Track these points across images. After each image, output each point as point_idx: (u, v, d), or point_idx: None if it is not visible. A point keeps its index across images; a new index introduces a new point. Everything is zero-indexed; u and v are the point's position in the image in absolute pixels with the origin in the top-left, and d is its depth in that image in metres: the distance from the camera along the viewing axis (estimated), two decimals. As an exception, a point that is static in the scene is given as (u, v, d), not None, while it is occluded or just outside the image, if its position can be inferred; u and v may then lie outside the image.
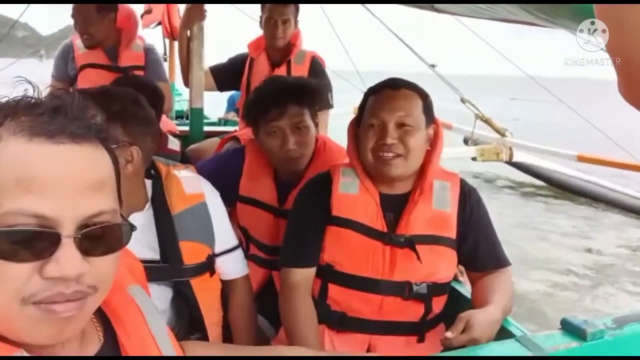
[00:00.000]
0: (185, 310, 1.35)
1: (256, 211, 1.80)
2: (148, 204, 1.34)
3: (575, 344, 1.03)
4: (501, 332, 1.25)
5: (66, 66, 2.77)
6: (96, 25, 2.62)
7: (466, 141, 6.95)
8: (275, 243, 1.75)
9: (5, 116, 0.57)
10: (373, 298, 1.38)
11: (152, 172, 1.38)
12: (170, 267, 1.32)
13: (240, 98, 3.02)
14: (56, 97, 0.59)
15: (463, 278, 1.57)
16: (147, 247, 1.30)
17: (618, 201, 6.63)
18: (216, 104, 5.75)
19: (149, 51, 2.85)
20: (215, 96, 3.53)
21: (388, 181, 1.43)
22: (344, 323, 1.42)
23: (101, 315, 0.70)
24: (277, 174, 1.81)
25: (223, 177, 1.71)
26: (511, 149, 6.47)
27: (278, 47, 2.66)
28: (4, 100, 0.59)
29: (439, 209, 1.41)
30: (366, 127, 1.42)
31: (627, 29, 0.48)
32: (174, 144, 2.47)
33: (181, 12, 3.54)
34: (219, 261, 1.42)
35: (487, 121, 6.28)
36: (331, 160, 1.73)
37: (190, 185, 1.39)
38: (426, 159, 1.45)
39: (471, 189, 1.49)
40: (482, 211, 1.47)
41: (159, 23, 5.26)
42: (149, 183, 1.36)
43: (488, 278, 1.42)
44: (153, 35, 5.43)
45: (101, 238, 0.59)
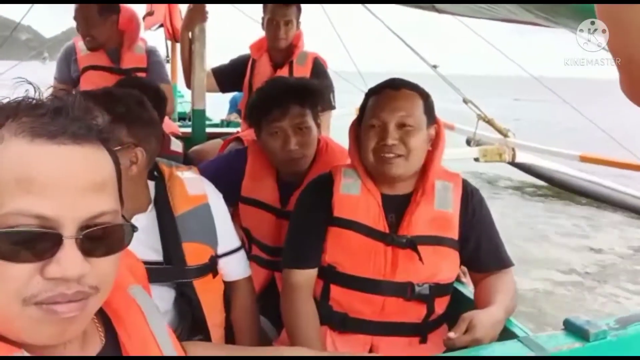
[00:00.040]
0: (187, 311, 1.35)
1: (258, 212, 1.80)
2: (151, 206, 1.34)
3: (578, 345, 1.02)
4: (504, 333, 1.24)
5: (69, 68, 2.78)
6: (98, 27, 2.63)
7: (468, 142, 6.94)
8: (277, 244, 1.75)
9: (6, 117, 0.57)
10: (375, 299, 1.38)
11: (155, 174, 1.38)
12: (173, 269, 1.32)
13: (242, 99, 3.03)
14: (57, 98, 0.59)
15: (466, 279, 1.57)
16: (150, 249, 1.30)
17: (621, 201, 6.61)
18: (218, 106, 5.75)
19: (151, 53, 2.86)
20: (217, 97, 3.53)
21: (389, 181, 1.43)
22: (346, 324, 1.41)
23: (102, 315, 0.70)
24: (280, 175, 1.81)
25: (225, 178, 1.71)
26: (514, 150, 6.46)
27: (280, 48, 2.66)
28: (5, 101, 0.59)
29: (441, 210, 1.41)
30: (367, 128, 1.42)
31: (628, 28, 0.48)
32: (177, 146, 2.47)
33: (183, 14, 3.55)
34: (222, 262, 1.42)
35: (490, 122, 6.27)
36: (333, 161, 1.73)
37: (193, 186, 1.39)
38: (428, 159, 1.44)
39: (473, 189, 1.48)
40: (485, 211, 1.47)
41: (161, 25, 5.27)
42: (152, 184, 1.36)
43: (491, 278, 1.41)
44: (155, 37, 5.44)
45: (102, 239, 0.59)
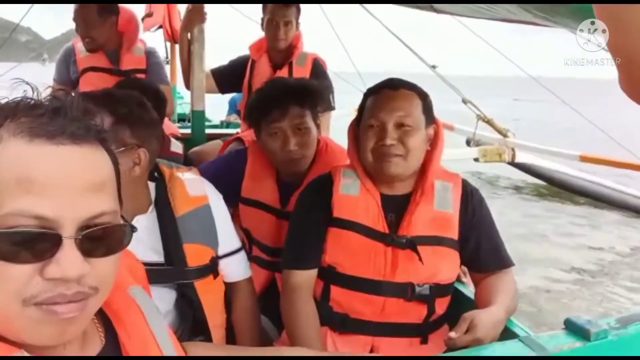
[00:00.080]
0: (188, 312, 1.35)
1: (258, 213, 1.80)
2: (151, 207, 1.34)
3: (578, 344, 1.02)
4: (505, 333, 1.24)
5: (68, 70, 2.78)
6: (98, 28, 2.63)
7: (468, 142, 6.94)
8: (277, 244, 1.75)
9: (5, 117, 0.57)
10: (375, 299, 1.38)
11: (156, 175, 1.38)
12: (174, 270, 1.31)
13: (242, 100, 3.03)
14: (56, 99, 0.59)
15: (466, 279, 1.56)
16: (151, 250, 1.30)
17: (622, 201, 6.61)
18: (217, 107, 5.75)
19: (150, 54, 2.86)
20: (216, 99, 3.53)
21: (388, 181, 1.42)
22: (347, 325, 1.41)
23: (102, 316, 0.70)
24: (280, 176, 1.81)
25: (225, 179, 1.71)
26: (513, 150, 6.45)
27: (280, 49, 2.66)
28: (4, 101, 0.59)
29: (441, 210, 1.41)
30: (365, 128, 1.42)
31: (628, 28, 0.48)
32: (177, 147, 2.47)
33: (182, 15, 3.55)
34: (222, 263, 1.42)
35: (489, 122, 6.26)
36: (333, 161, 1.73)
37: (193, 187, 1.39)
38: (427, 159, 1.44)
39: (473, 189, 1.48)
40: (485, 211, 1.46)
41: (160, 26, 5.27)
42: (152, 185, 1.36)
43: (491, 278, 1.41)
44: (154, 38, 5.45)
45: (102, 239, 0.59)
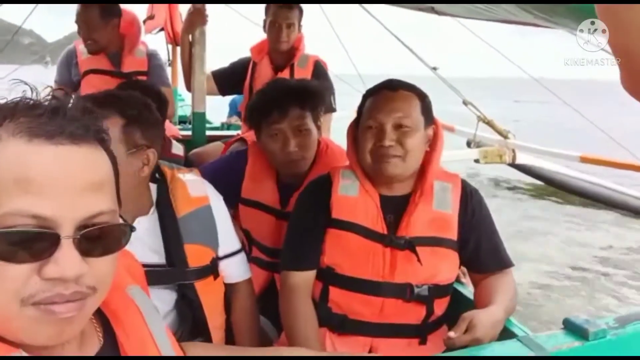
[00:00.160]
0: (188, 313, 1.35)
1: (258, 213, 1.80)
2: (153, 208, 1.34)
3: (577, 344, 1.02)
4: (504, 333, 1.24)
5: (69, 72, 2.78)
6: (100, 30, 2.64)
7: (469, 143, 6.94)
8: (277, 246, 1.74)
9: (3, 117, 0.58)
10: (374, 300, 1.38)
11: (157, 176, 1.39)
12: (174, 270, 1.32)
13: (242, 102, 3.03)
14: (55, 99, 0.60)
15: (465, 279, 1.56)
16: (152, 251, 1.31)
17: (622, 202, 6.59)
18: (218, 109, 5.76)
19: (152, 56, 2.87)
20: (217, 100, 3.54)
21: (387, 182, 1.42)
22: (345, 326, 1.41)
23: (100, 316, 0.70)
24: (280, 177, 1.81)
25: (225, 180, 1.71)
26: (514, 151, 6.45)
27: (282, 51, 2.67)
28: (3, 101, 0.59)
29: (440, 210, 1.41)
30: (364, 129, 1.42)
31: (629, 28, 0.48)
32: (178, 149, 2.48)
33: (183, 18, 3.56)
34: (222, 265, 1.42)
35: (490, 123, 6.26)
36: (333, 162, 1.73)
37: (194, 188, 1.39)
38: (426, 160, 1.44)
39: (473, 190, 1.48)
40: (484, 212, 1.46)
41: (162, 29, 5.28)
42: (154, 187, 1.37)
43: (491, 279, 1.41)
44: (156, 40, 5.46)
45: (100, 239, 0.59)
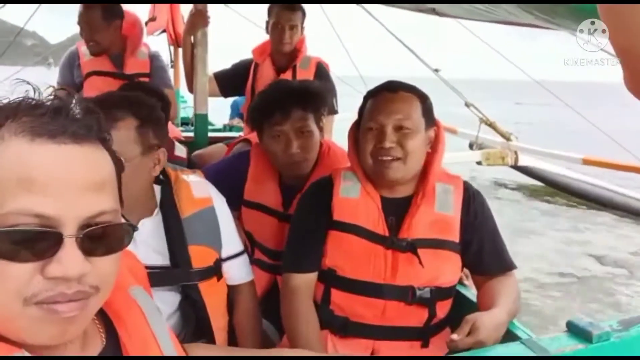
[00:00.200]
0: (192, 315, 1.36)
1: (261, 215, 1.80)
2: (157, 210, 1.35)
3: (581, 346, 1.01)
4: (507, 335, 1.24)
5: (71, 73, 2.78)
6: (102, 32, 2.64)
7: (471, 145, 6.94)
8: (279, 248, 1.74)
9: (6, 117, 0.58)
10: (376, 303, 1.37)
11: (161, 177, 1.39)
12: (178, 271, 1.32)
13: (244, 103, 3.03)
14: (57, 98, 0.60)
15: (468, 282, 1.56)
16: (156, 253, 1.31)
17: (624, 204, 6.57)
18: (220, 110, 5.76)
19: (154, 58, 2.87)
20: (219, 102, 3.54)
21: (388, 185, 1.42)
22: (347, 328, 1.40)
23: (103, 316, 0.70)
24: (282, 178, 1.81)
25: (228, 181, 1.72)
26: (516, 153, 6.45)
27: (284, 53, 2.67)
28: (5, 101, 0.59)
29: (442, 212, 1.40)
30: (365, 131, 1.41)
31: (632, 27, 0.48)
32: (181, 151, 2.48)
33: (185, 19, 3.56)
34: (225, 266, 1.42)
35: (492, 125, 6.26)
36: (335, 164, 1.72)
37: (198, 189, 1.40)
38: (427, 162, 1.44)
39: (475, 192, 1.47)
40: (487, 214, 1.46)
41: (164, 30, 5.29)
42: (157, 188, 1.37)
43: (494, 281, 1.40)
44: (158, 42, 5.47)
45: (103, 238, 0.59)
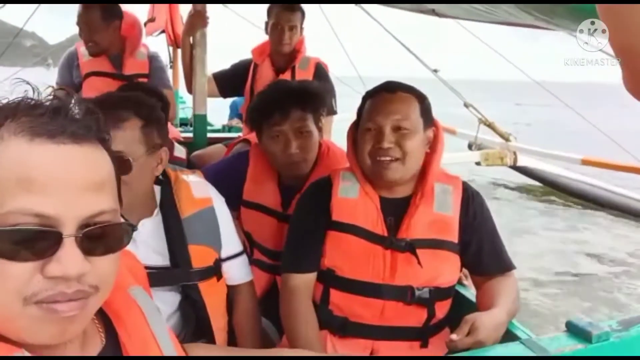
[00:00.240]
0: (191, 315, 1.36)
1: (260, 216, 1.80)
2: (157, 210, 1.35)
3: (580, 346, 1.02)
4: (506, 335, 1.24)
5: (70, 74, 2.78)
6: (101, 32, 2.64)
7: (470, 146, 6.94)
8: (279, 248, 1.74)
9: (5, 117, 0.58)
10: (375, 303, 1.37)
11: (161, 178, 1.39)
12: (178, 271, 1.32)
13: (244, 104, 3.04)
14: (56, 98, 0.60)
15: (468, 282, 1.56)
16: (156, 253, 1.31)
17: (623, 205, 6.57)
18: (219, 111, 5.76)
19: (153, 59, 2.87)
20: (217, 103, 3.54)
21: (387, 185, 1.42)
22: (346, 328, 1.41)
23: (103, 316, 0.70)
24: (281, 179, 1.81)
25: (227, 182, 1.71)
26: (515, 153, 6.45)
27: (284, 53, 2.67)
28: (4, 101, 0.59)
29: (441, 213, 1.40)
30: (363, 131, 1.42)
31: (631, 27, 0.48)
32: (180, 152, 2.48)
33: (184, 20, 3.56)
34: (225, 266, 1.42)
35: (491, 125, 6.27)
36: (335, 164, 1.73)
37: (198, 189, 1.40)
38: (426, 162, 1.44)
39: (474, 192, 1.47)
40: (486, 214, 1.46)
41: (163, 31, 5.29)
42: (157, 189, 1.37)
43: (493, 282, 1.40)
44: (157, 43, 5.47)
45: (102, 238, 0.59)
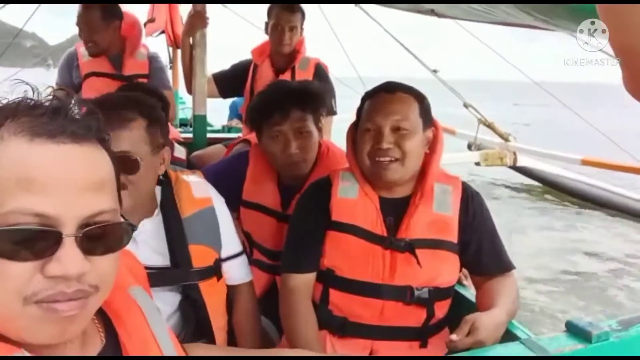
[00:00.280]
0: (191, 315, 1.36)
1: (260, 216, 1.80)
2: (157, 210, 1.35)
3: (580, 346, 1.02)
4: (506, 335, 1.24)
5: (70, 74, 2.78)
6: (101, 32, 2.63)
7: (470, 146, 6.94)
8: (278, 248, 1.74)
9: (5, 117, 0.58)
10: (374, 303, 1.37)
11: (161, 178, 1.39)
12: (179, 271, 1.32)
13: (243, 104, 3.04)
14: (56, 99, 0.60)
15: (467, 282, 1.56)
16: (157, 253, 1.31)
17: (623, 205, 6.57)
18: (219, 111, 5.77)
19: (153, 59, 2.86)
20: (217, 103, 3.54)
21: (386, 185, 1.42)
22: (346, 328, 1.41)
23: (103, 316, 0.70)
24: (281, 179, 1.81)
25: (227, 182, 1.72)
26: (515, 154, 6.45)
27: (284, 54, 2.67)
28: (4, 101, 0.59)
29: (440, 213, 1.40)
30: (363, 132, 1.42)
31: (631, 27, 0.48)
32: (180, 152, 2.48)
33: (184, 20, 3.56)
34: (225, 266, 1.43)
35: (490, 126, 6.26)
36: (334, 165, 1.73)
37: (198, 189, 1.40)
38: (426, 162, 1.44)
39: (474, 193, 1.48)
40: (486, 215, 1.46)
41: (162, 31, 5.29)
42: (158, 189, 1.38)
43: (493, 282, 1.41)
44: (157, 43, 5.47)
45: (102, 237, 0.60)
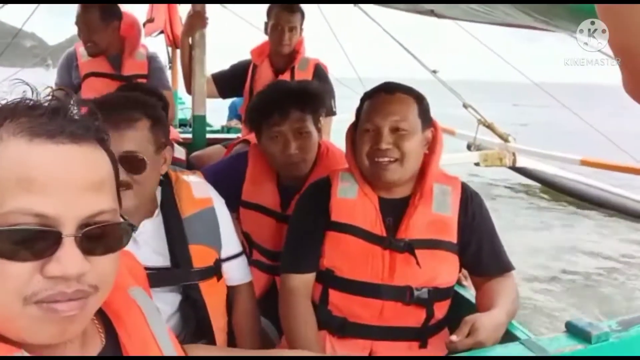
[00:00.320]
0: (192, 315, 1.36)
1: (259, 216, 1.80)
2: (157, 210, 1.35)
3: (580, 347, 1.02)
4: (506, 336, 1.24)
5: (70, 75, 2.77)
6: (100, 32, 2.63)
7: (469, 147, 6.94)
8: (278, 248, 1.74)
9: (4, 118, 0.58)
10: (373, 303, 1.37)
11: (162, 178, 1.39)
12: (179, 271, 1.32)
13: (243, 104, 3.03)
14: (55, 99, 0.60)
15: (467, 282, 1.56)
16: (157, 254, 1.31)
17: (622, 206, 6.58)
18: (218, 112, 5.76)
19: (152, 59, 2.86)
20: (217, 103, 3.54)
21: (386, 186, 1.42)
22: (345, 329, 1.41)
23: (103, 316, 0.70)
24: (280, 179, 1.81)
25: (227, 182, 1.71)
26: (514, 154, 6.46)
27: (283, 54, 2.67)
28: (3, 102, 0.59)
29: (439, 213, 1.40)
30: (362, 132, 1.42)
31: (630, 27, 0.48)
32: (180, 152, 2.47)
33: (183, 20, 3.56)
34: (224, 267, 1.43)
35: (490, 126, 6.27)
36: (334, 165, 1.73)
37: (198, 190, 1.41)
38: (425, 163, 1.44)
39: (473, 193, 1.48)
40: (485, 215, 1.46)
41: (162, 32, 5.28)
42: (158, 189, 1.38)
43: (492, 282, 1.41)
44: (156, 43, 5.47)
45: (101, 237, 0.59)
